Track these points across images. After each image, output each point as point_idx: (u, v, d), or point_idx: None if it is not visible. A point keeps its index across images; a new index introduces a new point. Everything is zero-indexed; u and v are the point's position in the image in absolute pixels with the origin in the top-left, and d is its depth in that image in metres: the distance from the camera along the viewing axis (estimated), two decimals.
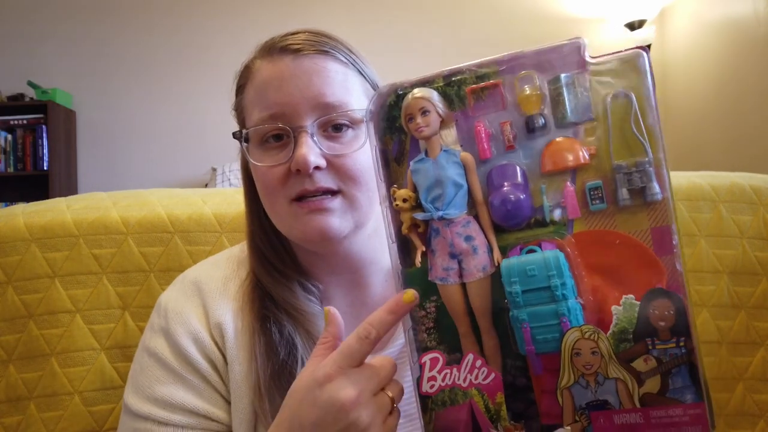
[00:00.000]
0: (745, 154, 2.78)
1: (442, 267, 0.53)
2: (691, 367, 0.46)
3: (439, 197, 0.52)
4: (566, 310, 0.48)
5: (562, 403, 0.48)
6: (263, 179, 0.68)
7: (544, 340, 0.48)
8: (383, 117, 0.54)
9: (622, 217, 0.50)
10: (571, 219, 0.51)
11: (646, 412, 0.46)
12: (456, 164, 0.52)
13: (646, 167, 0.49)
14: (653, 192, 0.49)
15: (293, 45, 0.68)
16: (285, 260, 0.73)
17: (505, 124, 0.52)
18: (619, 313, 0.47)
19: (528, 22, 3.66)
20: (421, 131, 0.52)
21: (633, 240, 0.50)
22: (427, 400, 0.52)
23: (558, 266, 0.48)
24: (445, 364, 0.52)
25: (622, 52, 0.49)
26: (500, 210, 0.52)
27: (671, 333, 0.46)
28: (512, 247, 0.52)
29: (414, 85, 0.53)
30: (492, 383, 0.50)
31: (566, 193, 0.51)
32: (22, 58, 3.72)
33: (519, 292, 0.49)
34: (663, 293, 0.46)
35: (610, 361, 0.47)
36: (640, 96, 0.49)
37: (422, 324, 0.54)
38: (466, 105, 0.53)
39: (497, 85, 0.52)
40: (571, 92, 0.50)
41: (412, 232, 0.54)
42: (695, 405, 0.46)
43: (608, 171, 0.50)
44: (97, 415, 0.85)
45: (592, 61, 0.49)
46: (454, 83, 0.53)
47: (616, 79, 0.49)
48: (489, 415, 0.50)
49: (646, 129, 0.49)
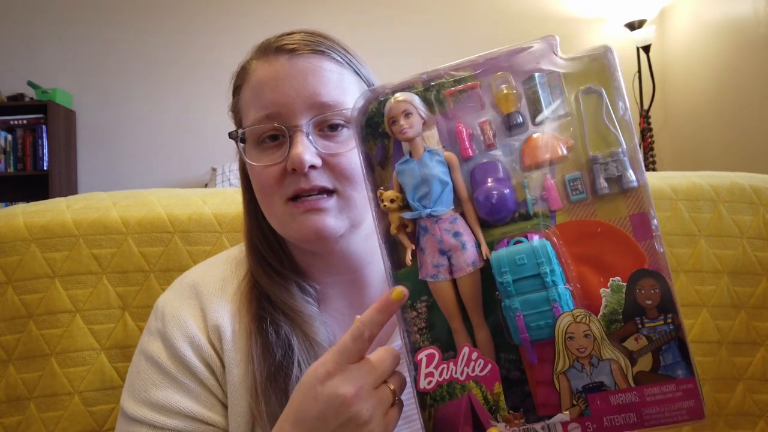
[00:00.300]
0: (745, 154, 2.77)
1: (432, 264, 0.54)
2: (680, 342, 0.47)
3: (426, 195, 0.53)
4: (557, 296, 0.49)
5: (559, 388, 0.49)
6: (259, 179, 0.69)
7: (538, 326, 0.49)
8: (366, 123, 0.56)
9: (601, 206, 0.52)
10: (553, 210, 0.53)
11: (641, 390, 0.47)
12: (440, 163, 0.54)
13: (621, 156, 0.52)
14: (629, 180, 0.51)
15: (289, 45, 0.69)
16: (282, 261, 0.73)
17: (484, 124, 0.54)
18: (608, 295, 0.49)
19: (528, 22, 3.68)
20: (405, 133, 0.54)
21: (613, 227, 0.52)
22: (425, 396, 0.52)
23: (546, 254, 0.50)
24: (441, 359, 0.52)
25: (590, 49, 0.52)
26: (485, 205, 0.53)
27: (658, 311, 0.48)
28: (499, 241, 0.53)
29: (394, 90, 0.55)
30: (489, 374, 0.51)
31: (547, 185, 0.53)
32: (22, 58, 3.68)
33: (510, 281, 0.50)
34: (647, 273, 0.48)
35: (602, 343, 0.48)
36: (609, 90, 0.52)
37: (414, 325, 0.55)
38: (446, 107, 0.55)
39: (474, 87, 0.54)
40: (545, 90, 0.53)
41: (400, 232, 0.55)
42: (687, 380, 0.47)
43: (585, 162, 0.52)
44: (97, 415, 0.85)
45: (562, 59, 0.52)
46: (433, 87, 0.55)
47: (587, 75, 0.52)
48: (488, 406, 0.50)
49: (617, 121, 0.52)
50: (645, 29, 3.30)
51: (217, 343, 0.68)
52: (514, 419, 0.50)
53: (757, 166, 2.50)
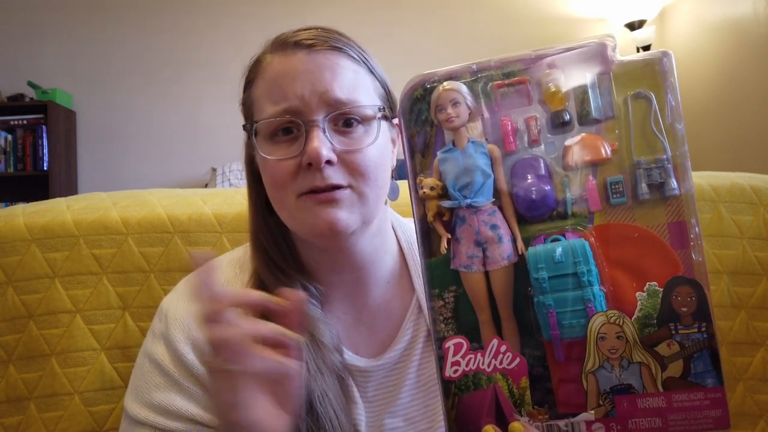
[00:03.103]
0: (745, 154, 2.77)
1: (466, 255, 0.54)
2: (712, 352, 0.48)
3: (467, 186, 0.54)
4: (592, 296, 0.49)
5: (586, 387, 0.49)
6: (272, 173, 0.68)
7: (570, 325, 0.50)
8: (409, 109, 0.56)
9: (640, 211, 0.52)
10: (592, 212, 0.53)
11: (669, 396, 0.48)
12: (484, 155, 0.54)
13: (665, 164, 0.52)
14: (671, 188, 0.51)
15: (306, 40, 0.68)
16: (288, 259, 0.72)
17: (530, 119, 0.54)
18: (643, 299, 0.49)
19: (528, 22, 3.68)
20: (452, 121, 0.54)
21: (650, 233, 0.52)
22: (450, 385, 0.52)
23: (584, 254, 0.50)
24: (469, 349, 0.52)
25: (647, 53, 0.52)
26: (525, 201, 0.53)
27: (693, 318, 0.48)
28: (534, 237, 0.53)
29: (443, 78, 0.55)
30: (517, 368, 0.51)
31: (588, 186, 0.53)
32: (22, 58, 3.68)
33: (546, 278, 0.50)
34: (685, 280, 0.48)
35: (634, 346, 0.48)
36: (660, 96, 0.52)
37: (440, 314, 0.55)
38: (492, 100, 0.55)
39: (524, 82, 0.54)
40: (595, 91, 0.53)
41: (436, 220, 0.55)
42: (715, 389, 0.47)
43: (629, 166, 0.52)
44: (97, 415, 0.84)
45: (617, 61, 0.52)
46: (481, 78, 0.55)
47: (638, 80, 0.52)
48: (513, 399, 0.51)
49: (665, 128, 0.52)
50: (645, 29, 3.30)
51: None
52: (538, 414, 0.50)
53: (757, 166, 2.48)
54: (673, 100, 0.52)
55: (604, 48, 0.52)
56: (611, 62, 0.52)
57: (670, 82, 0.51)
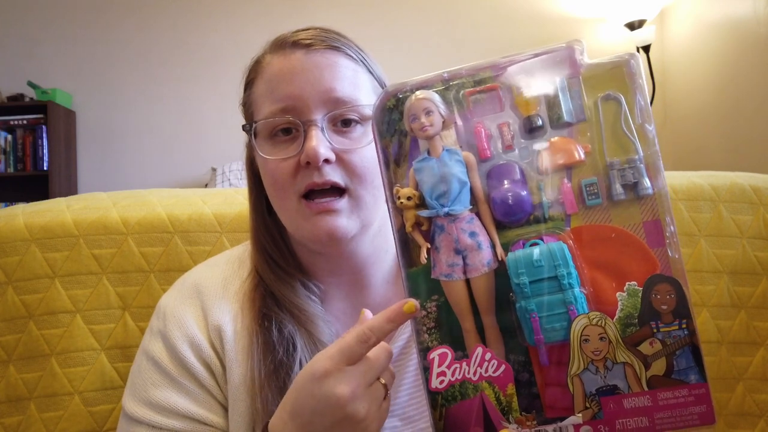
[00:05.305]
0: (745, 154, 2.76)
1: (446, 263, 0.54)
2: (693, 348, 0.48)
3: (444, 194, 0.53)
4: (573, 299, 0.49)
5: (572, 390, 0.49)
6: (272, 173, 0.68)
7: (553, 328, 0.50)
8: (383, 120, 0.55)
9: (616, 211, 0.52)
10: (568, 214, 0.53)
11: (654, 395, 0.48)
12: (459, 162, 0.54)
13: (638, 164, 0.52)
14: (645, 187, 0.52)
15: (305, 40, 0.69)
16: (287, 259, 0.73)
17: (503, 125, 0.54)
18: (624, 299, 0.49)
19: (528, 22, 3.69)
20: (426, 130, 0.53)
21: (627, 233, 0.52)
22: (436, 396, 0.52)
23: (563, 256, 0.50)
24: (454, 358, 0.52)
25: (614, 56, 0.53)
26: (502, 207, 0.53)
27: (673, 316, 0.48)
28: (513, 243, 0.53)
29: (414, 87, 0.55)
30: (503, 375, 0.51)
31: (563, 189, 0.53)
32: (22, 58, 3.63)
33: (526, 282, 0.50)
34: (663, 278, 0.49)
35: (617, 346, 0.48)
36: (629, 97, 0.53)
37: (423, 325, 0.55)
38: (465, 107, 0.55)
39: (495, 89, 0.54)
40: (566, 94, 0.53)
41: (415, 230, 0.55)
42: (699, 385, 0.48)
43: (602, 168, 0.53)
44: (97, 415, 0.84)
45: (585, 65, 0.53)
46: (452, 87, 0.55)
47: (607, 82, 0.53)
48: (500, 407, 0.50)
49: (635, 128, 0.53)
50: (645, 29, 3.30)
51: (218, 344, 0.67)
52: (526, 420, 0.50)
53: (757, 166, 2.49)
54: (642, 100, 0.52)
55: (573, 52, 0.53)
56: (580, 66, 0.53)
57: (638, 84, 0.52)
